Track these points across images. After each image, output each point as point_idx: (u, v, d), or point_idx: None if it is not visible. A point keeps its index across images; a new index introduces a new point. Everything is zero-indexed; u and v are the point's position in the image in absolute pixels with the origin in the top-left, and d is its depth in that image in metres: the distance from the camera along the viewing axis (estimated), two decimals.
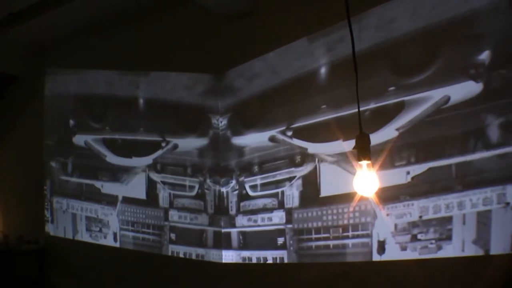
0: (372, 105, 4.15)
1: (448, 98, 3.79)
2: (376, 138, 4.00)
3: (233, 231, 5.23)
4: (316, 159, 4.60)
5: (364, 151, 2.41)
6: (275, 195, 4.91)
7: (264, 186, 5.00)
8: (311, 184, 4.63)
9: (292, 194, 4.77)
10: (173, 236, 5.70)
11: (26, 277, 6.83)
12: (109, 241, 6.35)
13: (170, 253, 5.72)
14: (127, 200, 6.18)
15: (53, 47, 7.16)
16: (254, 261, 5.06)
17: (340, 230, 4.39)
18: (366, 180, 2.42)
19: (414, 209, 3.93)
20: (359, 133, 2.46)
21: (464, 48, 3.76)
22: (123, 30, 6.19)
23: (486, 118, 3.61)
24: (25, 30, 6.39)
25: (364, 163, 2.41)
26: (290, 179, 4.79)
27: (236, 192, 5.22)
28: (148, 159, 5.95)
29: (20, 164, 7.60)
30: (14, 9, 5.66)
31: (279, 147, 4.89)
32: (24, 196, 7.47)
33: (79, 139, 6.72)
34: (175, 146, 5.74)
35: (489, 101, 3.60)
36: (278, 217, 4.86)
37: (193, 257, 5.52)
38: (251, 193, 5.11)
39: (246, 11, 5.11)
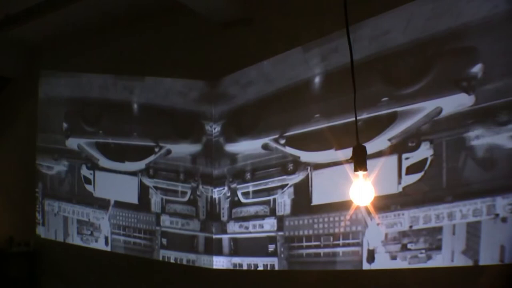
0: (365, 115, 4.17)
1: (440, 110, 3.83)
2: (369, 148, 4.00)
3: (225, 237, 5.23)
4: (308, 168, 4.63)
5: (360, 162, 2.45)
6: (267, 202, 4.92)
7: (256, 193, 5.01)
8: (302, 192, 4.65)
9: (284, 201, 4.78)
10: (164, 241, 5.70)
11: (16, 279, 6.79)
12: (100, 245, 6.33)
13: (161, 258, 5.71)
14: (119, 204, 6.17)
15: (48, 49, 7.16)
16: (245, 267, 5.06)
17: (331, 238, 4.41)
18: (362, 190, 2.47)
19: (404, 219, 3.96)
20: (356, 144, 2.49)
21: (456, 60, 3.80)
22: (119, 34, 6.21)
23: (476, 129, 3.65)
24: (21, 32, 6.39)
25: (361, 173, 2.45)
26: (282, 186, 4.80)
27: (228, 198, 5.24)
28: (141, 164, 5.95)
29: (12, 166, 7.57)
30: (12, 11, 5.66)
31: (272, 155, 4.91)
32: (16, 198, 7.45)
33: (72, 142, 6.71)
34: (168, 152, 5.74)
35: (480, 113, 3.64)
36: (270, 224, 4.87)
37: (184, 262, 5.52)
38: (243, 200, 5.12)
39: (242, 19, 5.14)
